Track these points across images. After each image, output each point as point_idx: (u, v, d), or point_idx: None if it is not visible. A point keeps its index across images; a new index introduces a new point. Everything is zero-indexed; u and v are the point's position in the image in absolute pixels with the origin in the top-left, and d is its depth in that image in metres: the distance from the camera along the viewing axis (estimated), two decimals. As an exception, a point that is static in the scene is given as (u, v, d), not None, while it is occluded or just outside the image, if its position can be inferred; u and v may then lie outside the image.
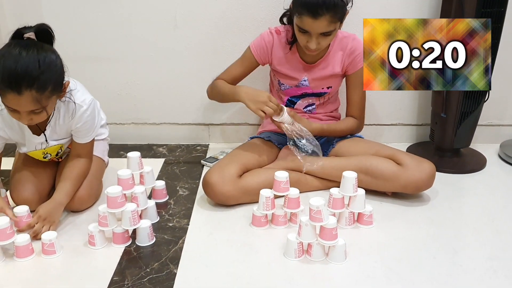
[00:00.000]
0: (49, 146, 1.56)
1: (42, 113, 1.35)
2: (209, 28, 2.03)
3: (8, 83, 1.26)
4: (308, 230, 1.32)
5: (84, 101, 1.50)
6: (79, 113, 1.49)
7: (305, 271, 1.30)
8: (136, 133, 2.20)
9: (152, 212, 1.54)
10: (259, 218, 1.49)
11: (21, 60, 1.26)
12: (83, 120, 1.51)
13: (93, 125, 1.55)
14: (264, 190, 1.49)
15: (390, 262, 1.33)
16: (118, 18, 2.02)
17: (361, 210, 1.49)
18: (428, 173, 1.60)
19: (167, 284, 1.25)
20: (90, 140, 1.58)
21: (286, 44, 1.73)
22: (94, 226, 1.40)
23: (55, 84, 1.34)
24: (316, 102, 1.81)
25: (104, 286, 1.24)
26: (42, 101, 1.31)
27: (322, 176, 1.69)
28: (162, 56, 2.08)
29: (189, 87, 2.13)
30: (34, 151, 1.56)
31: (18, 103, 1.29)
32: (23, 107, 1.30)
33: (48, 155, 1.60)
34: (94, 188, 1.62)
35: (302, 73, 1.75)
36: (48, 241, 1.34)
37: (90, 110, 1.51)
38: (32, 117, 1.34)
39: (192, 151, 2.14)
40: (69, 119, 1.50)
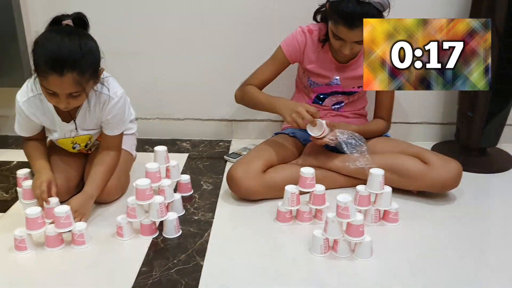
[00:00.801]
0: (79, 135, 1.59)
1: (79, 97, 1.40)
2: (235, 23, 2.04)
3: (52, 65, 1.30)
4: (334, 226, 1.32)
5: (116, 93, 1.53)
6: (110, 104, 1.52)
7: (331, 267, 1.30)
8: (161, 128, 2.22)
9: (178, 205, 1.56)
10: (284, 214, 1.50)
11: (63, 44, 1.32)
12: (113, 112, 1.53)
13: (123, 118, 1.58)
14: (290, 186, 1.49)
15: (416, 260, 1.33)
16: (145, 13, 2.04)
17: (387, 207, 1.48)
18: (455, 173, 1.59)
19: (194, 275, 1.26)
20: (119, 132, 1.60)
21: (318, 43, 1.72)
22: (123, 217, 1.42)
23: (93, 69, 1.39)
24: (345, 100, 1.81)
25: (133, 276, 1.26)
26: (83, 84, 1.36)
27: (348, 173, 1.69)
28: (188, 52, 2.10)
29: (213, 83, 2.15)
30: (63, 138, 1.59)
31: (60, 85, 1.34)
32: (64, 89, 1.35)
33: (77, 146, 1.63)
34: (122, 181, 1.65)
35: (334, 73, 1.74)
36: (78, 232, 1.36)
37: (121, 103, 1.54)
38: (70, 101, 1.39)
39: (215, 146, 2.15)
40: (100, 110, 1.53)
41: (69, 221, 1.36)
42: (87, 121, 1.56)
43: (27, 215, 1.34)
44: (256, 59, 1.97)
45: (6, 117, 2.19)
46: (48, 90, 1.37)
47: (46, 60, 1.31)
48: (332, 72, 1.74)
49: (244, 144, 2.12)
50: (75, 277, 1.26)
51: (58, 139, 1.60)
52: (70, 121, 1.55)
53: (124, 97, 1.57)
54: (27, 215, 1.34)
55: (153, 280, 1.24)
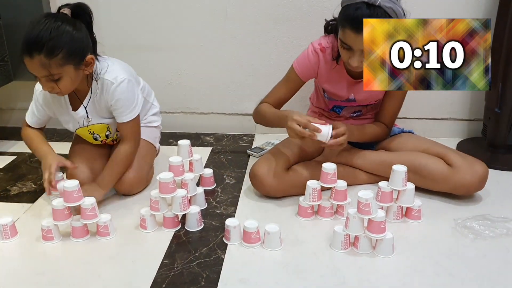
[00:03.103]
0: (93, 124, 1.62)
1: (60, 82, 1.42)
2: (259, 18, 2.04)
3: (24, 48, 1.37)
4: (356, 222, 1.31)
5: (116, 78, 1.54)
6: (111, 89, 1.54)
7: (351, 262, 1.30)
8: (185, 122, 2.25)
9: (201, 198, 1.58)
10: (305, 209, 1.50)
11: (37, 28, 1.37)
12: (115, 96, 1.55)
13: (128, 104, 1.57)
14: (311, 182, 1.49)
15: (439, 258, 1.31)
16: (170, 8, 2.06)
17: (410, 204, 1.47)
18: (480, 176, 1.54)
19: (215, 268, 1.28)
20: (128, 119, 1.59)
21: (331, 61, 1.64)
22: (146, 210, 1.44)
23: (66, 53, 1.39)
24: (363, 109, 1.75)
25: (155, 268, 1.28)
26: (52, 67, 1.38)
27: (369, 170, 1.68)
28: (212, 47, 2.11)
29: (237, 78, 2.15)
30: (79, 128, 1.63)
31: (31, 67, 1.39)
32: (36, 72, 1.40)
33: (97, 136, 1.66)
34: (143, 172, 1.67)
35: (349, 92, 1.68)
36: (103, 223, 1.39)
37: (122, 88, 1.54)
38: (53, 85, 1.43)
39: (238, 140, 2.17)
40: (104, 96, 1.56)
41: (95, 212, 1.39)
42: (96, 108, 1.59)
43: (54, 207, 1.38)
44: (280, 54, 1.98)
45: (35, 110, 2.24)
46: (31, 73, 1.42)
47: (22, 43, 1.37)
48: (347, 90, 1.67)
49: (267, 138, 2.13)
50: (99, 267, 1.29)
51: (77, 130, 1.65)
52: (78, 108, 1.59)
53: (127, 82, 1.56)
54: (54, 206, 1.38)
55: (175, 272, 1.26)
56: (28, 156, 1.97)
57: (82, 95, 1.57)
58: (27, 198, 1.65)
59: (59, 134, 2.14)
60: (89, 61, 1.47)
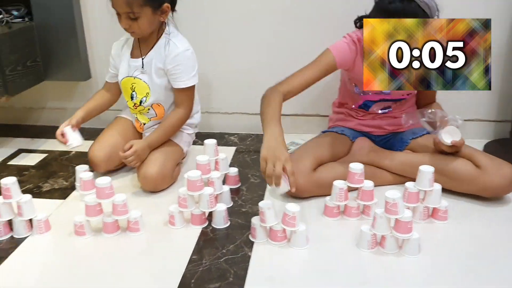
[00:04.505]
0: (141, 78, 1.73)
1: (138, 22, 1.60)
2: (285, 19, 2.05)
3: None
4: (382, 222, 1.32)
5: (182, 44, 1.71)
6: (173, 53, 1.68)
7: (377, 262, 1.31)
8: (209, 122, 2.27)
9: (227, 197, 1.60)
10: (331, 209, 1.51)
11: None
12: (176, 62, 1.69)
13: (186, 71, 1.71)
14: (338, 181, 1.50)
15: (465, 259, 1.31)
16: (195, 9, 2.08)
17: (436, 205, 1.47)
18: (509, 178, 1.53)
19: (242, 265, 1.30)
20: (183, 86, 1.72)
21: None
22: (175, 207, 1.47)
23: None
24: (392, 105, 1.76)
25: (184, 263, 1.31)
26: (133, 5, 1.56)
27: (396, 171, 1.68)
28: (237, 47, 2.13)
29: (261, 78, 2.16)
30: (126, 77, 1.76)
31: (117, 3, 1.58)
32: (119, 7, 1.59)
33: (134, 94, 1.75)
34: (167, 170, 1.69)
35: None
36: (134, 219, 1.43)
37: (185, 55, 1.69)
38: (130, 23, 1.60)
39: (262, 140, 2.17)
40: (164, 55, 1.69)
41: (126, 209, 1.42)
42: (153, 62, 1.71)
43: (86, 203, 1.42)
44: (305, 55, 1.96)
45: (65, 109, 2.30)
46: (116, 11, 1.60)
47: None
48: None
49: (291, 138, 2.14)
50: (129, 262, 1.33)
51: (121, 80, 1.77)
52: (138, 58, 1.73)
53: (191, 52, 1.72)
54: (86, 202, 1.42)
55: (203, 268, 1.29)
56: (58, 154, 2.02)
57: (145, 47, 1.72)
58: (59, 195, 1.69)
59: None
60: (165, 8, 1.64)
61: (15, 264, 1.33)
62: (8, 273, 1.30)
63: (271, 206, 1.38)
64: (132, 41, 1.76)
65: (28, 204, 1.43)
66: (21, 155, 2.03)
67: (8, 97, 1.87)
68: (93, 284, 1.25)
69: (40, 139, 2.18)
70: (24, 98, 2.26)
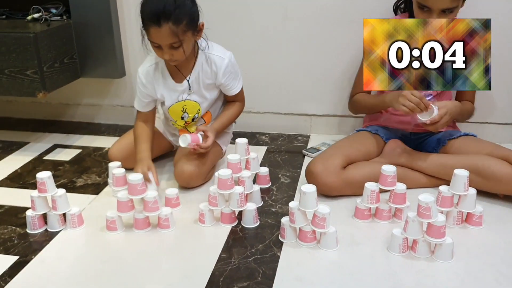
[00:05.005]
0: (191, 98, 1.72)
1: (180, 49, 1.54)
2: (318, 19, 2.04)
3: (150, 18, 1.48)
4: (415, 226, 1.30)
5: (224, 53, 1.71)
6: (222, 66, 1.69)
7: (409, 266, 1.29)
8: (241, 121, 2.26)
9: (257, 196, 1.60)
10: (362, 211, 1.49)
11: (160, 0, 1.49)
12: (227, 73, 1.70)
13: (236, 77, 1.76)
14: (370, 184, 1.48)
15: (500, 266, 1.28)
16: (228, 9, 2.09)
17: (471, 210, 1.43)
18: None
19: (271, 265, 1.30)
20: (238, 91, 1.78)
21: None
22: (205, 205, 1.48)
23: (189, 20, 1.52)
24: (433, 93, 1.74)
25: (213, 261, 1.31)
26: (179, 34, 1.50)
27: (431, 173, 1.65)
28: (270, 47, 2.13)
29: (293, 78, 2.16)
30: (175, 103, 1.73)
31: (159, 36, 1.50)
32: (163, 40, 1.51)
33: (186, 115, 1.75)
34: (203, 169, 1.71)
35: None
36: (164, 216, 1.45)
37: (232, 62, 1.71)
38: (173, 52, 1.54)
39: (293, 140, 2.18)
40: (211, 70, 1.69)
41: (157, 205, 1.44)
42: (200, 80, 1.70)
43: (119, 199, 1.44)
44: (338, 55, 1.97)
45: (99, 106, 2.35)
46: (153, 43, 1.54)
47: (146, 14, 1.50)
48: None
49: (323, 139, 2.12)
50: (159, 259, 1.34)
51: (170, 107, 1.73)
52: (183, 81, 1.70)
53: (233, 57, 1.73)
54: (118, 198, 1.44)
55: (232, 267, 1.29)
56: (92, 150, 2.06)
57: (185, 69, 1.69)
58: (92, 190, 1.73)
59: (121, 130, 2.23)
60: (200, 27, 1.60)
61: (49, 257, 1.36)
62: (41, 265, 1.33)
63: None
64: (163, 65, 1.69)
65: (63, 198, 1.46)
66: (56, 150, 2.08)
67: (45, 93, 1.91)
68: (123, 279, 1.27)
69: (75, 135, 2.23)
70: (60, 94, 2.33)
